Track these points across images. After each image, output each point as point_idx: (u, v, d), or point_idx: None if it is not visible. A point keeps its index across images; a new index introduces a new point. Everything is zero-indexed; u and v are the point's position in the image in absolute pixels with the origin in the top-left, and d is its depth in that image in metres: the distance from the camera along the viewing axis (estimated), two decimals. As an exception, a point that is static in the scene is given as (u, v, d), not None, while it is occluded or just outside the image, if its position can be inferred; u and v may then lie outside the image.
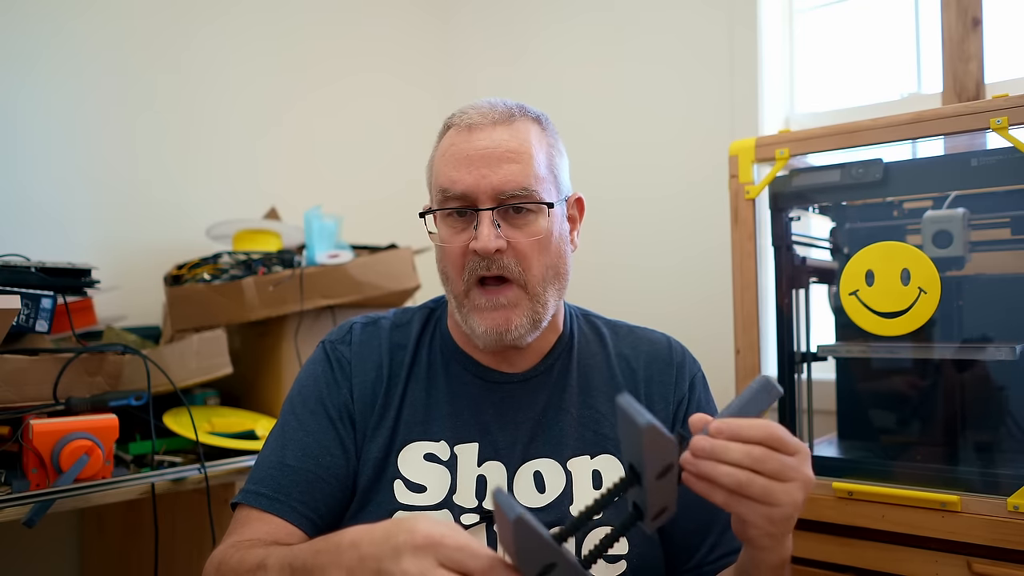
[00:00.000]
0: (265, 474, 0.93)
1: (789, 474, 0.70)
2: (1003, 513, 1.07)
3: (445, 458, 0.95)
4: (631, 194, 2.06)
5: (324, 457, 0.94)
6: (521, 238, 0.92)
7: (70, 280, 1.32)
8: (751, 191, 1.33)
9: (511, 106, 0.96)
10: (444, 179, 0.93)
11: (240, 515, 0.92)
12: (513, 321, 0.92)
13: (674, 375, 1.01)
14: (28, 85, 1.72)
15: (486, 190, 0.91)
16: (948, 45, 1.61)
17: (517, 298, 0.93)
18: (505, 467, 0.95)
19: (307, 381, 1.01)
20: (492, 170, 0.91)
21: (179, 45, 1.95)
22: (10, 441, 1.21)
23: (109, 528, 1.68)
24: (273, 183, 2.09)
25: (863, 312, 1.21)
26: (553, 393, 0.99)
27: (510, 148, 0.92)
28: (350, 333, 1.04)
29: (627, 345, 1.04)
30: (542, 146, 0.95)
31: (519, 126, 0.94)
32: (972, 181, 1.20)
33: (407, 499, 0.93)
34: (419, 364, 1.01)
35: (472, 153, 0.92)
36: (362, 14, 2.33)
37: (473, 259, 0.92)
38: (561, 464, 0.95)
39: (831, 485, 1.21)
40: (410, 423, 0.97)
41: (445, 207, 0.94)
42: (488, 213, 0.91)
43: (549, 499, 0.93)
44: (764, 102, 1.84)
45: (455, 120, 0.97)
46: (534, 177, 0.92)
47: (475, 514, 0.92)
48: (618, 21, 2.11)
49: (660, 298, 1.97)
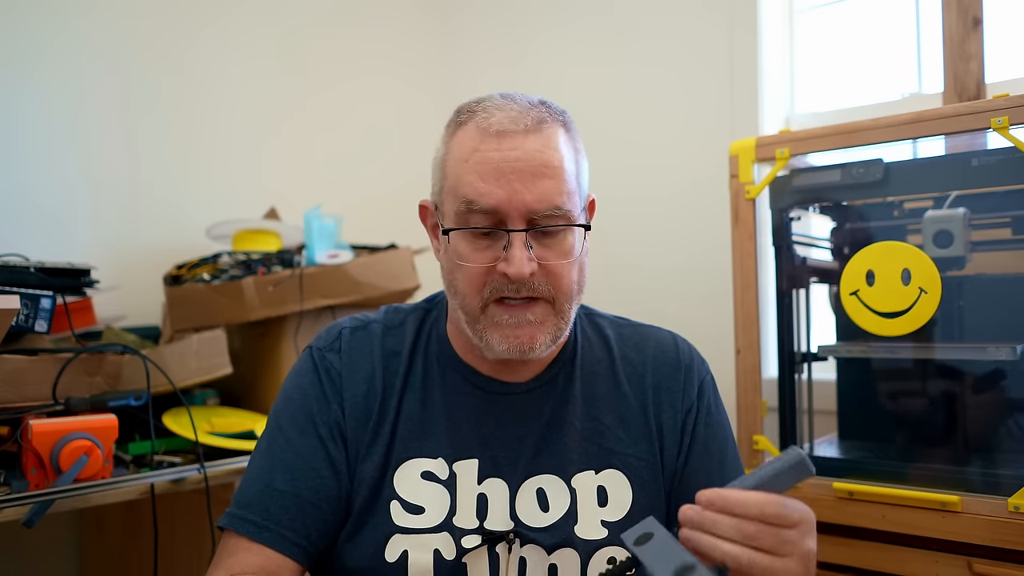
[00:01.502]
0: (253, 498, 0.88)
1: (785, 549, 0.67)
2: (1003, 513, 1.07)
3: (444, 477, 0.90)
4: (631, 194, 2.06)
5: (314, 480, 0.89)
6: (552, 258, 0.87)
7: (70, 280, 1.32)
8: (751, 191, 1.33)
9: (537, 105, 0.89)
10: (470, 189, 0.85)
11: (228, 542, 0.87)
12: (538, 339, 0.87)
13: (682, 380, 0.97)
14: (29, 85, 1.72)
15: (519, 207, 0.84)
16: (949, 45, 1.61)
17: (544, 315, 0.88)
18: (507, 484, 0.90)
19: (295, 394, 0.95)
20: (525, 186, 0.84)
21: (180, 46, 1.95)
22: (9, 441, 1.21)
23: (109, 528, 1.68)
24: (273, 183, 2.09)
25: (863, 312, 1.21)
26: (557, 405, 0.94)
27: (543, 161, 0.85)
28: (339, 339, 0.97)
29: (632, 347, 0.99)
30: (570, 153, 0.89)
31: (549, 133, 0.87)
32: (972, 181, 1.20)
33: (404, 521, 0.88)
34: (414, 373, 0.95)
35: (503, 165, 0.84)
36: (363, 15, 2.33)
37: (499, 280, 0.86)
38: (565, 481, 0.91)
39: (831, 485, 1.21)
40: (406, 439, 0.92)
41: (470, 220, 0.86)
42: (521, 235, 0.84)
43: (554, 519, 0.89)
44: (764, 102, 1.84)
45: (478, 119, 0.88)
46: (566, 194, 0.86)
47: (477, 535, 0.87)
48: (618, 22, 2.11)
49: (660, 298, 1.97)
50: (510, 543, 0.87)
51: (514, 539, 0.87)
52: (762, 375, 1.33)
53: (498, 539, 0.87)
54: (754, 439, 1.30)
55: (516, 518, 0.89)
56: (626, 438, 0.94)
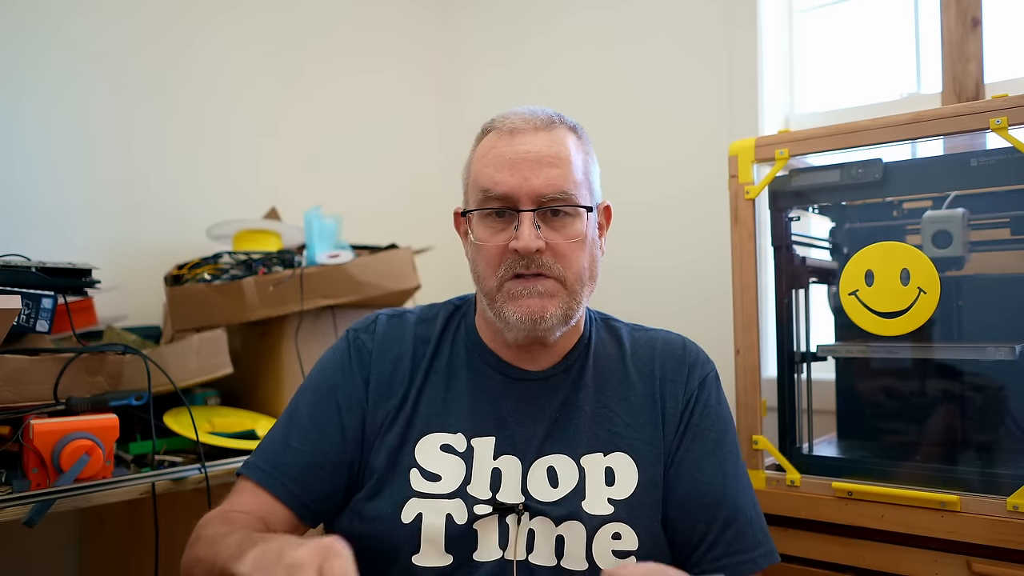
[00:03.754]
0: (268, 450, 0.99)
1: None
2: (1003, 513, 1.07)
3: (461, 450, 0.98)
4: (631, 195, 2.06)
5: (324, 443, 0.98)
6: (559, 239, 0.95)
7: (70, 280, 1.32)
8: (751, 191, 1.33)
9: (550, 114, 1.00)
10: (486, 180, 0.96)
11: (238, 486, 0.99)
12: (548, 309, 0.95)
13: (686, 373, 1.04)
14: (27, 85, 1.72)
15: (528, 192, 0.94)
16: (948, 45, 1.61)
17: (555, 289, 0.96)
18: (520, 461, 0.97)
19: (327, 365, 1.05)
20: (534, 173, 0.94)
21: (179, 44, 1.95)
22: (10, 441, 1.21)
23: (110, 528, 1.68)
24: (273, 183, 2.09)
25: (863, 312, 1.21)
26: (570, 392, 1.02)
27: (552, 153, 0.96)
28: (375, 323, 1.07)
29: (643, 345, 1.07)
30: (579, 153, 0.99)
31: (559, 133, 0.98)
32: (972, 181, 1.20)
33: (422, 487, 0.95)
34: (440, 357, 1.05)
35: (514, 157, 0.95)
36: (361, 13, 2.33)
37: (512, 258, 0.95)
38: (575, 460, 0.97)
39: (831, 485, 1.21)
40: (428, 415, 1.00)
41: (485, 205, 0.97)
42: (529, 214, 0.94)
43: (562, 493, 0.95)
44: (764, 102, 1.84)
45: (496, 124, 1.00)
46: (573, 182, 0.96)
47: (488, 505, 0.94)
48: (617, 21, 2.11)
49: (660, 298, 1.97)
50: (519, 515, 0.93)
51: (523, 511, 0.94)
52: (762, 375, 1.33)
53: (508, 510, 0.94)
54: (753, 439, 1.31)
55: (527, 492, 0.95)
56: (633, 424, 1.00)
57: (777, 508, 1.25)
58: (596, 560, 0.92)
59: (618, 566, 0.77)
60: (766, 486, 1.28)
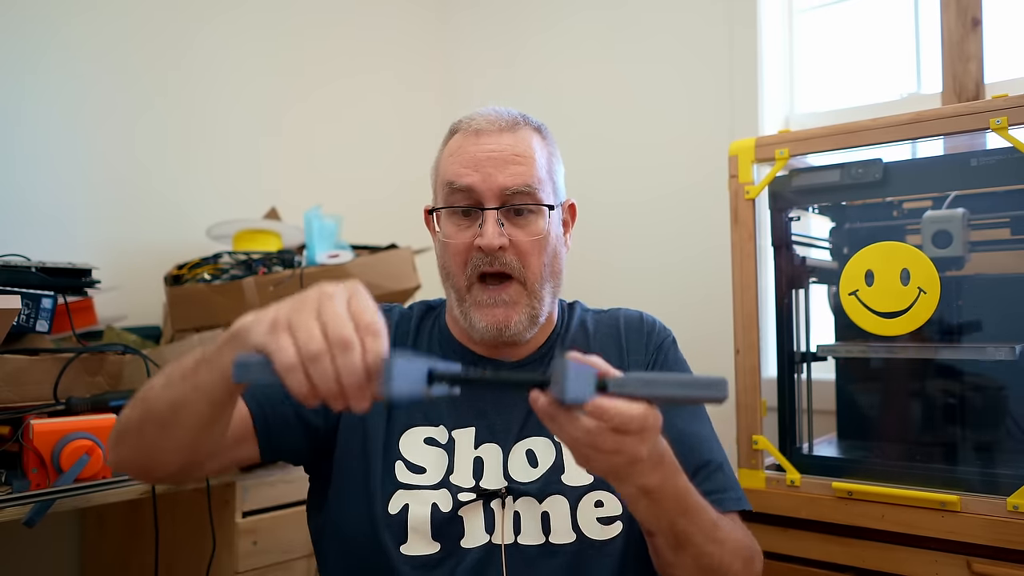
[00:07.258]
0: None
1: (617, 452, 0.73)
2: (1003, 513, 1.07)
3: (444, 442, 1.00)
4: (631, 194, 2.06)
5: (306, 411, 0.98)
6: (523, 237, 0.99)
7: (70, 280, 1.32)
8: (751, 191, 1.33)
9: (515, 114, 1.03)
10: (450, 173, 0.99)
11: None
12: (512, 318, 0.99)
13: (645, 340, 1.09)
14: (29, 85, 1.72)
15: (492, 188, 0.97)
16: (948, 45, 1.61)
17: (517, 295, 0.99)
18: (501, 448, 0.99)
19: None
20: (498, 170, 0.98)
21: (179, 45, 1.95)
22: (10, 441, 1.21)
23: (110, 528, 1.68)
24: (273, 183, 2.09)
25: (863, 312, 1.21)
26: None
27: (515, 151, 0.99)
28: None
29: (606, 324, 1.11)
30: (543, 153, 1.03)
31: (523, 134, 1.01)
32: (972, 181, 1.20)
33: (407, 479, 0.97)
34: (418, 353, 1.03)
35: (479, 155, 0.98)
36: (361, 15, 2.33)
37: (477, 255, 0.98)
38: (551, 440, 1.00)
39: (831, 485, 1.21)
40: (411, 410, 1.01)
41: (451, 202, 1.00)
42: (493, 212, 0.97)
43: (541, 471, 0.98)
44: (764, 102, 1.84)
45: (462, 125, 1.03)
46: (536, 179, 0.99)
47: (471, 493, 0.96)
48: (617, 22, 2.11)
49: (660, 298, 1.97)
50: (503, 499, 0.96)
51: (507, 495, 0.96)
52: (761, 375, 1.33)
53: (492, 495, 0.96)
54: (753, 439, 1.31)
55: (509, 476, 0.98)
56: None
57: (777, 508, 1.25)
58: (582, 530, 0.95)
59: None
60: (766, 486, 1.28)
